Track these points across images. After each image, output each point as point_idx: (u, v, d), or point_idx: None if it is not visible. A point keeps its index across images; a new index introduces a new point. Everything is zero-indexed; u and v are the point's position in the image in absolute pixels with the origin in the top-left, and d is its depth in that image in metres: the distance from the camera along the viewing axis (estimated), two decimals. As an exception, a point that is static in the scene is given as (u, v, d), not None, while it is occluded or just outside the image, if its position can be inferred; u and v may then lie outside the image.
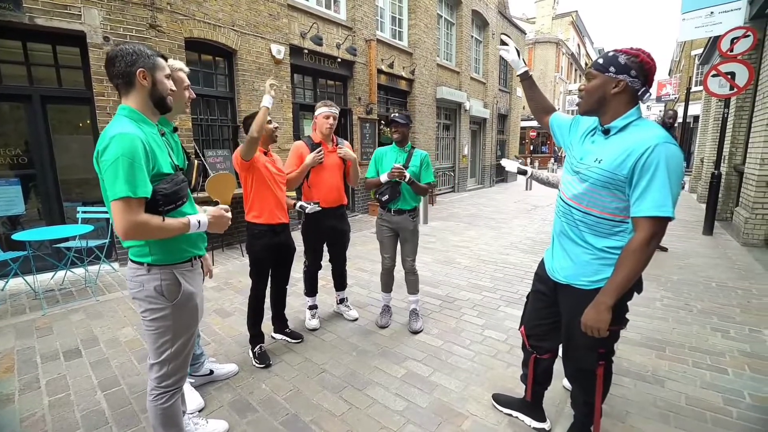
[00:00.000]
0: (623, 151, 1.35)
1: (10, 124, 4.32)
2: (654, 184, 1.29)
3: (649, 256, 1.32)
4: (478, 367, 2.56)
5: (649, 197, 1.30)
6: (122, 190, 1.29)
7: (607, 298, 1.38)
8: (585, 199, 1.47)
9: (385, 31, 9.22)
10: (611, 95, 1.39)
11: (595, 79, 1.42)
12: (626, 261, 1.35)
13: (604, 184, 1.40)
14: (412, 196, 2.97)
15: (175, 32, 4.97)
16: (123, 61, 1.41)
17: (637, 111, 1.41)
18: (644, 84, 1.37)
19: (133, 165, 1.31)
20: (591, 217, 1.46)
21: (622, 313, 1.51)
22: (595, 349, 1.54)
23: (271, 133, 2.55)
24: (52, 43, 4.33)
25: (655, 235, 1.31)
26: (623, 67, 1.36)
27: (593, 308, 1.42)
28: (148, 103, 1.48)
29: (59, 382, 2.42)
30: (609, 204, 1.41)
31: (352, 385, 2.37)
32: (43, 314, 3.41)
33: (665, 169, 1.28)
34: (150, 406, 1.59)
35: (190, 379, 2.29)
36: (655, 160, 1.28)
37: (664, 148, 1.28)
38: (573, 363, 1.67)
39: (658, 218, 1.30)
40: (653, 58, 1.36)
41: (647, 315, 3.27)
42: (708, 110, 10.72)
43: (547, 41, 25.23)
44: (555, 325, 1.76)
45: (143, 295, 1.48)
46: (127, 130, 1.33)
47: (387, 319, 3.17)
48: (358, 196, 8.51)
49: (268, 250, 2.58)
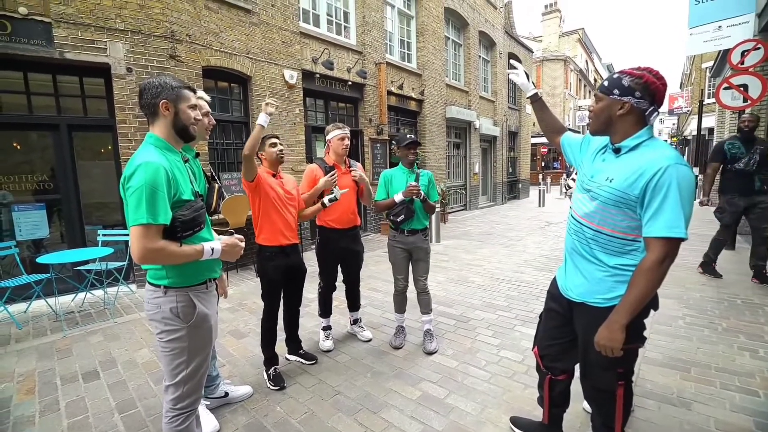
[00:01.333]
0: (634, 171, 1.36)
1: (37, 152, 4.54)
2: (666, 205, 1.29)
3: (661, 276, 1.32)
4: (495, 388, 2.50)
5: (661, 218, 1.30)
6: (143, 217, 1.36)
7: (620, 317, 1.37)
8: (596, 217, 1.47)
9: (394, 54, 9.46)
10: (617, 117, 1.41)
11: (601, 102, 1.45)
12: (639, 281, 1.34)
13: (615, 202, 1.40)
14: (424, 215, 3.01)
15: (193, 61, 5.20)
16: (149, 93, 1.51)
17: (647, 131, 1.41)
18: (652, 104, 1.37)
19: (155, 193, 1.38)
20: (602, 236, 1.47)
21: (640, 331, 1.49)
22: (613, 369, 1.51)
23: (275, 156, 2.58)
24: (79, 75, 4.58)
25: (668, 255, 1.31)
26: (627, 89, 1.37)
27: (606, 327, 1.41)
28: (171, 131, 1.56)
29: (78, 404, 2.46)
30: (620, 222, 1.41)
31: (367, 407, 2.34)
32: (64, 336, 3.48)
33: (677, 190, 1.28)
34: (165, 428, 1.60)
35: (205, 401, 2.30)
36: (666, 181, 1.28)
37: (675, 170, 1.29)
38: (591, 383, 1.63)
39: (671, 239, 1.29)
40: (661, 77, 1.36)
41: (670, 334, 3.17)
42: (722, 122, 10.59)
43: (554, 58, 25.45)
44: (570, 344, 1.73)
45: (159, 316, 1.52)
46: (152, 159, 1.41)
47: (401, 340, 3.15)
48: (370, 216, 8.56)
49: (279, 271, 2.61)
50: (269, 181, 2.56)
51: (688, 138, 22.22)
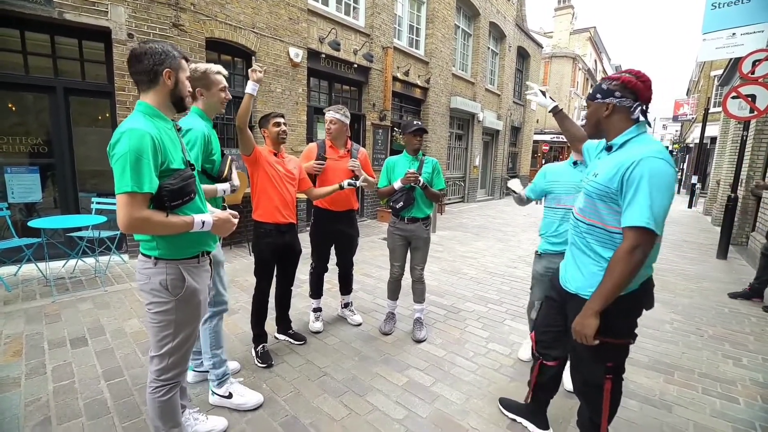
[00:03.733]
0: (616, 165, 1.42)
1: (32, 114, 4.44)
2: (637, 197, 1.34)
3: (633, 264, 1.35)
4: (481, 379, 2.53)
5: (631, 209, 1.35)
6: (128, 185, 1.31)
7: (594, 303, 1.43)
8: (587, 211, 1.55)
9: (403, 39, 9.30)
10: (604, 118, 1.51)
11: (589, 108, 1.58)
12: (612, 269, 1.40)
13: (600, 196, 1.47)
14: (426, 204, 2.97)
15: (197, 32, 5.08)
16: (151, 59, 1.44)
17: (636, 128, 1.47)
18: (636, 100, 1.44)
19: (140, 160, 1.33)
20: (594, 229, 1.52)
21: (631, 328, 1.52)
22: (602, 362, 1.54)
23: (277, 135, 2.55)
24: (78, 37, 4.46)
25: (638, 245, 1.34)
26: (607, 92, 1.48)
27: (581, 314, 1.47)
28: (167, 100, 1.51)
29: (65, 369, 2.46)
30: (606, 216, 1.47)
31: (353, 390, 2.36)
32: (53, 301, 3.46)
33: (648, 182, 1.32)
34: (149, 398, 1.60)
35: (238, 378, 2.35)
36: (638, 173, 1.34)
37: (648, 162, 1.34)
38: (580, 376, 1.67)
39: (640, 229, 1.33)
40: (641, 75, 1.44)
41: (656, 338, 3.21)
42: (726, 132, 10.57)
43: (564, 56, 25.15)
44: (563, 333, 1.77)
45: (148, 288, 1.50)
46: (137, 126, 1.36)
47: (391, 326, 3.16)
48: (368, 202, 8.53)
49: (273, 250, 2.59)
50: (270, 159, 2.53)
51: (690, 145, 22.20)
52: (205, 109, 2.13)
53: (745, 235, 6.79)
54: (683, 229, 8.88)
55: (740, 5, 6.18)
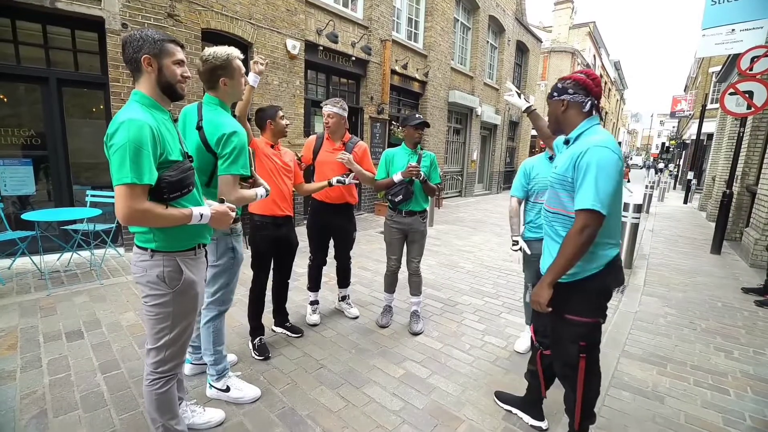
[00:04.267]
0: (570, 155, 1.57)
1: (25, 106, 4.39)
2: (585, 182, 1.49)
3: (581, 243, 1.49)
4: (477, 372, 2.56)
5: (580, 193, 1.50)
6: (127, 176, 1.30)
7: (547, 276, 1.60)
8: (552, 201, 1.69)
9: (401, 32, 9.24)
10: (561, 114, 1.68)
11: (549, 106, 1.74)
12: (563, 247, 1.55)
13: (560, 185, 1.62)
14: (423, 198, 2.99)
15: (192, 22, 5.02)
16: (131, 47, 1.42)
17: (588, 121, 1.62)
18: (588, 96, 1.61)
19: (140, 152, 1.32)
20: (558, 216, 1.67)
21: (596, 307, 1.63)
22: (575, 342, 1.64)
23: (282, 129, 2.58)
24: (71, 27, 4.39)
25: (587, 225, 1.48)
26: (562, 90, 1.65)
27: (538, 284, 1.64)
28: (156, 89, 1.48)
29: (60, 363, 2.46)
30: (567, 203, 1.61)
31: (350, 382, 2.38)
32: (48, 294, 3.45)
33: (594, 169, 1.47)
34: (146, 390, 1.60)
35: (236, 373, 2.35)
36: (586, 161, 1.49)
37: (595, 151, 1.49)
38: (558, 358, 1.77)
39: (587, 211, 1.47)
40: (591, 74, 1.64)
41: (650, 330, 3.25)
42: (723, 128, 10.62)
43: (563, 50, 25.09)
44: None
45: (145, 280, 1.50)
46: (136, 116, 1.34)
47: (388, 319, 3.18)
48: (365, 196, 8.53)
49: (270, 242, 2.60)
50: (266, 150, 2.53)
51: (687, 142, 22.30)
52: (226, 99, 1.99)
53: (739, 230, 6.86)
54: (679, 224, 8.95)
55: (740, 1, 6.18)
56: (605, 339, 3.06)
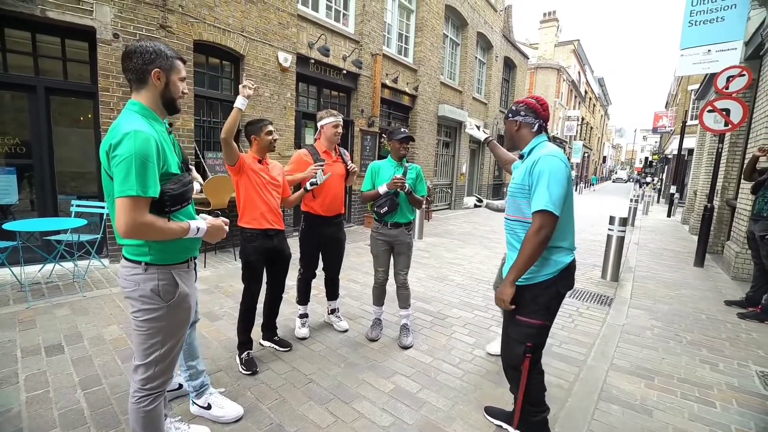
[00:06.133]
0: (525, 166, 1.76)
1: (10, 113, 4.31)
2: (538, 187, 1.65)
3: (538, 242, 1.64)
4: (467, 386, 2.54)
5: (535, 197, 1.66)
6: (132, 189, 1.28)
7: (510, 275, 1.73)
8: (511, 209, 1.85)
9: (392, 46, 9.39)
10: (515, 132, 1.90)
11: (506, 126, 1.96)
12: (523, 246, 1.69)
13: (519, 193, 1.77)
14: (409, 209, 3.00)
15: (184, 34, 5.03)
16: (141, 58, 1.41)
17: (538, 138, 1.84)
18: (537, 118, 1.84)
19: (146, 164, 1.31)
20: (518, 223, 1.81)
21: (544, 310, 1.75)
22: (523, 342, 1.78)
23: (269, 144, 2.56)
24: (61, 36, 4.36)
25: (542, 226, 1.63)
26: (515, 112, 1.88)
27: (502, 284, 1.77)
28: (158, 102, 1.48)
29: (39, 378, 2.37)
30: (526, 209, 1.75)
31: (339, 397, 2.34)
32: (27, 307, 3.34)
33: (546, 175, 1.64)
34: (132, 408, 1.55)
35: (219, 389, 2.29)
36: (538, 168, 1.67)
37: (546, 160, 1.67)
38: (505, 360, 1.92)
39: (542, 212, 1.63)
40: (540, 100, 1.87)
41: (637, 343, 3.28)
42: (702, 144, 10.96)
43: (548, 67, 25.76)
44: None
45: (137, 294, 1.46)
46: (141, 128, 1.33)
47: (377, 332, 3.15)
48: (354, 208, 8.53)
49: (261, 254, 2.57)
50: (254, 166, 2.51)
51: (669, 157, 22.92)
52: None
53: (720, 243, 7.03)
54: (662, 237, 9.13)
55: (715, 24, 6.45)
56: (593, 353, 3.08)
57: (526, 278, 1.75)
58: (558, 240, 1.72)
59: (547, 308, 1.75)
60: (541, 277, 1.73)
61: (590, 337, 3.39)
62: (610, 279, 5.16)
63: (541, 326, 1.76)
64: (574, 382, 2.65)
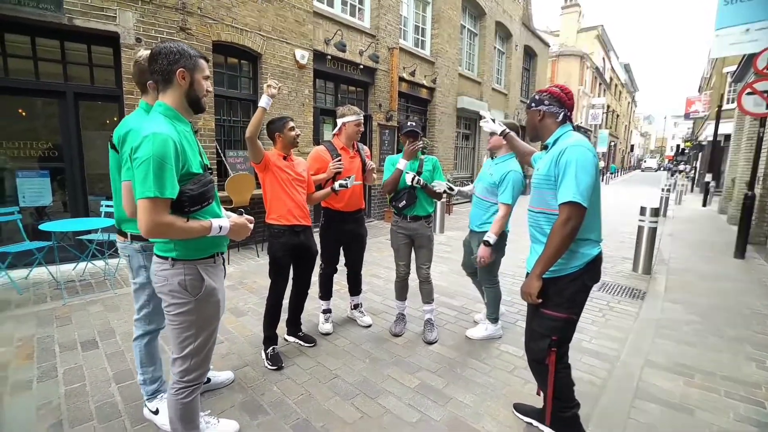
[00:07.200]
0: (550, 157, 1.73)
1: (42, 119, 4.50)
2: (566, 178, 1.62)
3: (566, 235, 1.61)
4: (494, 382, 2.49)
5: (562, 188, 1.63)
6: (150, 190, 1.32)
7: (536, 268, 1.71)
8: (535, 201, 1.83)
9: (408, 39, 9.30)
10: (538, 122, 1.85)
11: (528, 116, 1.91)
12: (550, 239, 1.66)
13: (545, 184, 1.74)
14: (428, 202, 2.98)
15: (203, 35, 5.12)
16: (166, 59, 1.44)
17: (562, 128, 1.79)
18: (561, 107, 1.79)
19: (163, 166, 1.34)
20: (543, 215, 1.79)
21: (570, 303, 1.72)
22: (548, 335, 1.75)
23: (293, 140, 2.60)
24: (87, 42, 4.51)
25: (570, 218, 1.60)
26: (539, 101, 1.83)
27: (528, 277, 1.77)
28: (183, 101, 1.52)
29: (76, 372, 2.47)
30: (552, 201, 1.72)
31: (365, 392, 2.34)
32: (64, 304, 3.49)
33: (574, 165, 1.61)
34: (170, 400, 1.61)
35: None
36: (565, 158, 1.64)
37: (571, 149, 1.64)
38: (530, 354, 1.90)
39: (569, 203, 1.60)
40: (565, 89, 1.82)
41: (674, 339, 3.14)
42: (741, 129, 10.38)
43: (571, 54, 25.00)
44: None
45: (167, 289, 1.52)
46: (160, 130, 1.36)
47: (401, 328, 3.14)
48: (374, 202, 8.52)
49: (287, 250, 2.60)
50: (279, 163, 2.55)
51: (703, 143, 21.87)
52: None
53: (763, 234, 6.65)
54: (698, 228, 8.73)
55: (754, 0, 6.07)
56: (627, 348, 2.97)
57: (553, 270, 1.72)
58: (585, 232, 1.69)
59: (573, 301, 1.73)
60: (568, 270, 1.71)
61: (623, 332, 3.27)
62: (642, 272, 4.96)
63: (567, 319, 1.74)
64: (608, 379, 2.55)
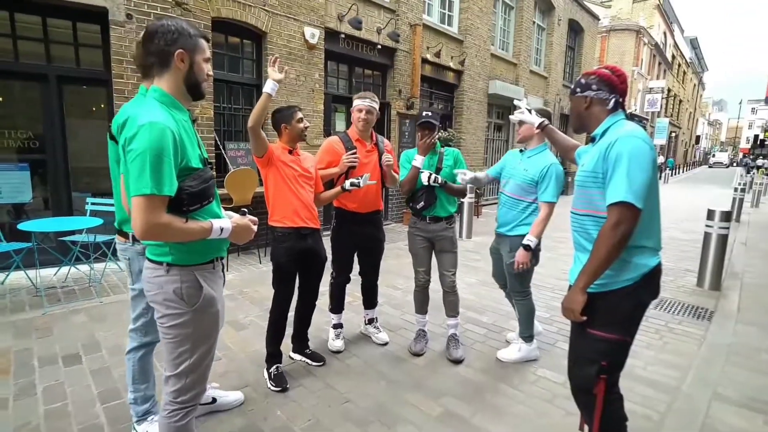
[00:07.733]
0: (598, 150, 1.67)
1: (21, 105, 4.66)
2: (616, 174, 1.56)
3: (616, 241, 1.54)
4: (530, 412, 2.47)
5: (612, 186, 1.57)
6: (146, 187, 1.33)
7: (580, 281, 1.65)
8: (580, 202, 1.78)
9: (433, 14, 9.30)
10: (584, 110, 1.81)
11: (572, 102, 1.88)
12: (596, 246, 1.60)
13: (592, 182, 1.69)
14: (450, 201, 3.01)
15: (201, 11, 5.24)
16: (163, 39, 1.45)
17: (612, 117, 1.74)
18: (612, 92, 1.73)
19: (161, 160, 1.35)
20: (589, 218, 1.74)
21: (624, 322, 1.66)
22: (597, 360, 1.67)
23: (300, 132, 2.65)
24: (72, 19, 4.67)
25: (620, 221, 1.53)
26: (585, 86, 1.79)
27: (570, 291, 1.71)
28: (182, 87, 1.53)
29: (57, 390, 2.55)
30: (599, 202, 1.67)
31: (380, 420, 2.35)
32: (44, 313, 3.62)
33: (626, 159, 1.54)
34: (162, 422, 1.62)
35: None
36: (615, 152, 1.57)
37: (623, 141, 1.57)
38: (574, 381, 1.82)
39: (620, 204, 1.53)
40: (617, 70, 1.77)
41: (750, 368, 3.05)
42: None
43: (625, 29, 24.53)
44: None
45: (161, 298, 1.52)
46: (157, 119, 1.37)
47: (422, 346, 3.14)
48: (392, 203, 8.55)
49: (293, 255, 2.63)
50: (284, 157, 2.58)
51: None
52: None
53: None
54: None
55: None
56: (690, 377, 2.89)
57: (601, 284, 1.66)
58: (640, 238, 1.62)
59: (626, 320, 1.67)
60: (620, 284, 1.64)
61: (685, 358, 3.19)
62: (709, 287, 4.84)
63: (620, 341, 1.67)
64: (666, 413, 2.50)
